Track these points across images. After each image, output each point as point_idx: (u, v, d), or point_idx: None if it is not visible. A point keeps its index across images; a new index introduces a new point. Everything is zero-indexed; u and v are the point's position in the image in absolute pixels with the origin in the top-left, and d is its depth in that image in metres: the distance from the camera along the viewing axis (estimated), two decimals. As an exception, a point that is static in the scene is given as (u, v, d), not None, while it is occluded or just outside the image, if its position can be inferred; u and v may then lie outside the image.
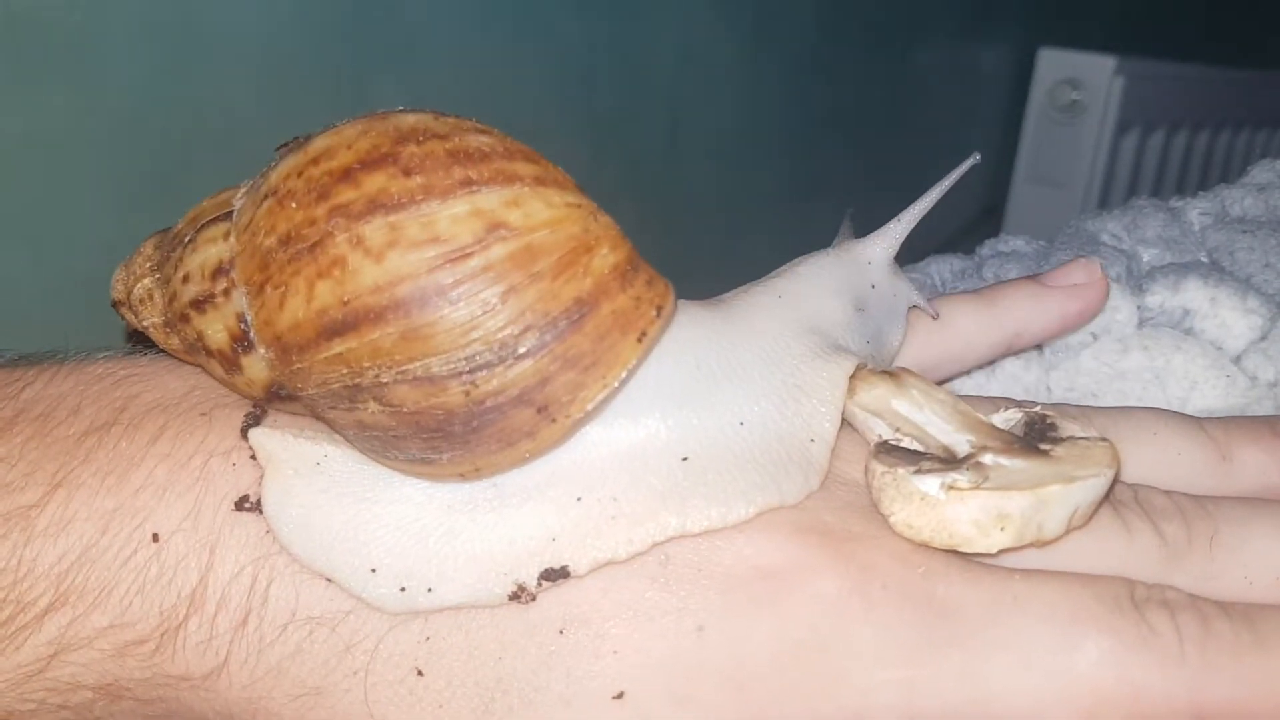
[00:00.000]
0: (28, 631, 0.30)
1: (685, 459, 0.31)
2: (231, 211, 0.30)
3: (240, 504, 0.31)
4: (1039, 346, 0.50)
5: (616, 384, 0.29)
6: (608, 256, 0.29)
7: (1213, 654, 0.30)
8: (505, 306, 0.27)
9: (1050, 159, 1.33)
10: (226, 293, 0.30)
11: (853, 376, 0.34)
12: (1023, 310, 0.43)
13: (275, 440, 0.32)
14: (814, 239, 0.39)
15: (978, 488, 0.30)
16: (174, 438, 0.32)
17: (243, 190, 0.31)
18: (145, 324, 0.33)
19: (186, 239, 0.31)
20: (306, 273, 0.28)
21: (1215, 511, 0.34)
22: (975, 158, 0.40)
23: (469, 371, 0.27)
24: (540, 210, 0.28)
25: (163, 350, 0.34)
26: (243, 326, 0.30)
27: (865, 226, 0.40)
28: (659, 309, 0.30)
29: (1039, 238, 0.61)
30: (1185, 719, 0.29)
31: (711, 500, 0.30)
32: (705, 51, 0.98)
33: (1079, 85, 1.30)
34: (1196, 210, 0.61)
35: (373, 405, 0.28)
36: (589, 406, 0.29)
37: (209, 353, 0.31)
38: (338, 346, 0.28)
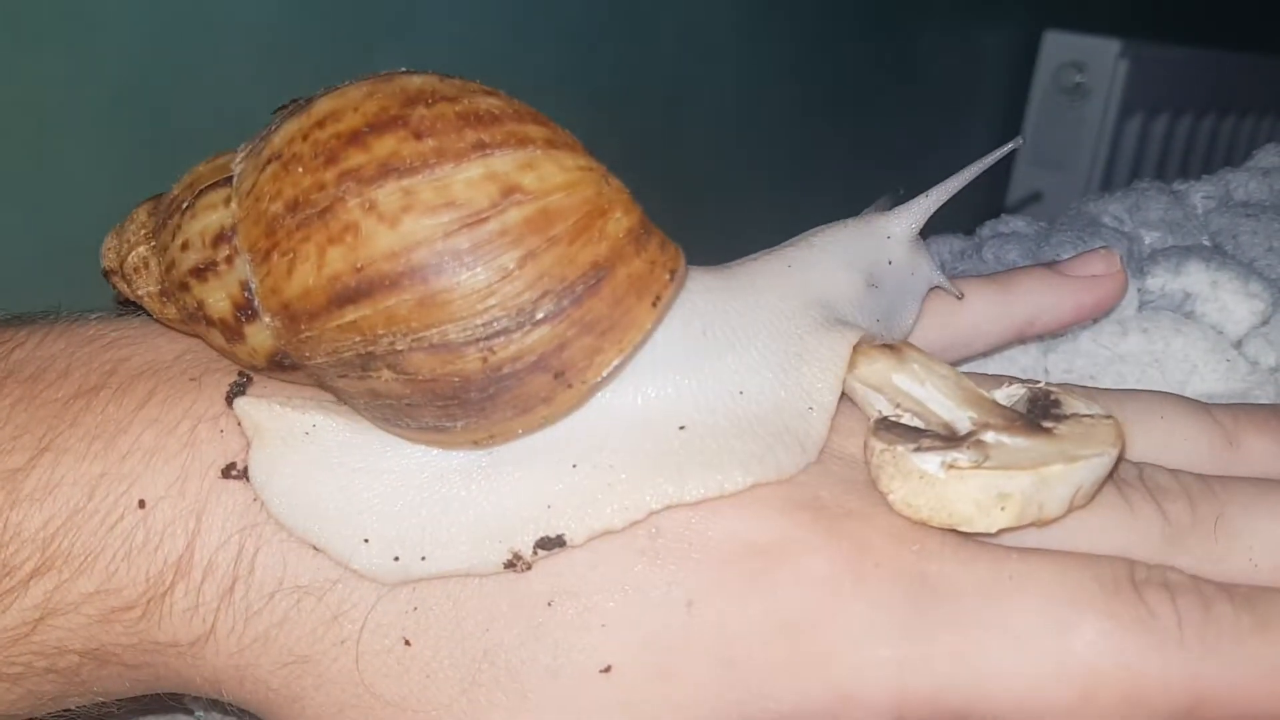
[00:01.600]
0: (13, 596, 0.30)
1: (683, 427, 0.31)
2: (231, 176, 0.30)
3: (227, 471, 0.31)
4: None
5: (632, 349, 0.29)
6: (621, 220, 0.29)
7: (1213, 637, 0.29)
8: (523, 271, 0.27)
9: (1054, 142, 1.33)
10: (229, 260, 0.29)
11: (854, 350, 0.33)
12: (1036, 298, 0.42)
13: (261, 409, 0.31)
14: (814, 216, 0.39)
15: (978, 466, 0.30)
16: (162, 402, 0.32)
17: (241, 154, 0.30)
18: (140, 293, 0.32)
19: (184, 205, 0.30)
20: (317, 239, 0.27)
21: (1221, 492, 0.33)
22: (1018, 141, 0.39)
23: (486, 338, 0.27)
24: (554, 173, 0.28)
25: (159, 323, 0.34)
26: (246, 294, 0.29)
27: (867, 205, 0.40)
28: (672, 273, 0.30)
29: (1040, 219, 0.60)
30: (1183, 702, 0.29)
31: (709, 468, 0.30)
32: (707, 27, 0.98)
33: (1084, 68, 1.30)
34: (1200, 194, 0.60)
35: (386, 373, 0.28)
36: (605, 372, 0.29)
37: (210, 322, 0.30)
38: (350, 314, 0.27)
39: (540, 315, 0.27)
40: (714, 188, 1.04)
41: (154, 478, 0.31)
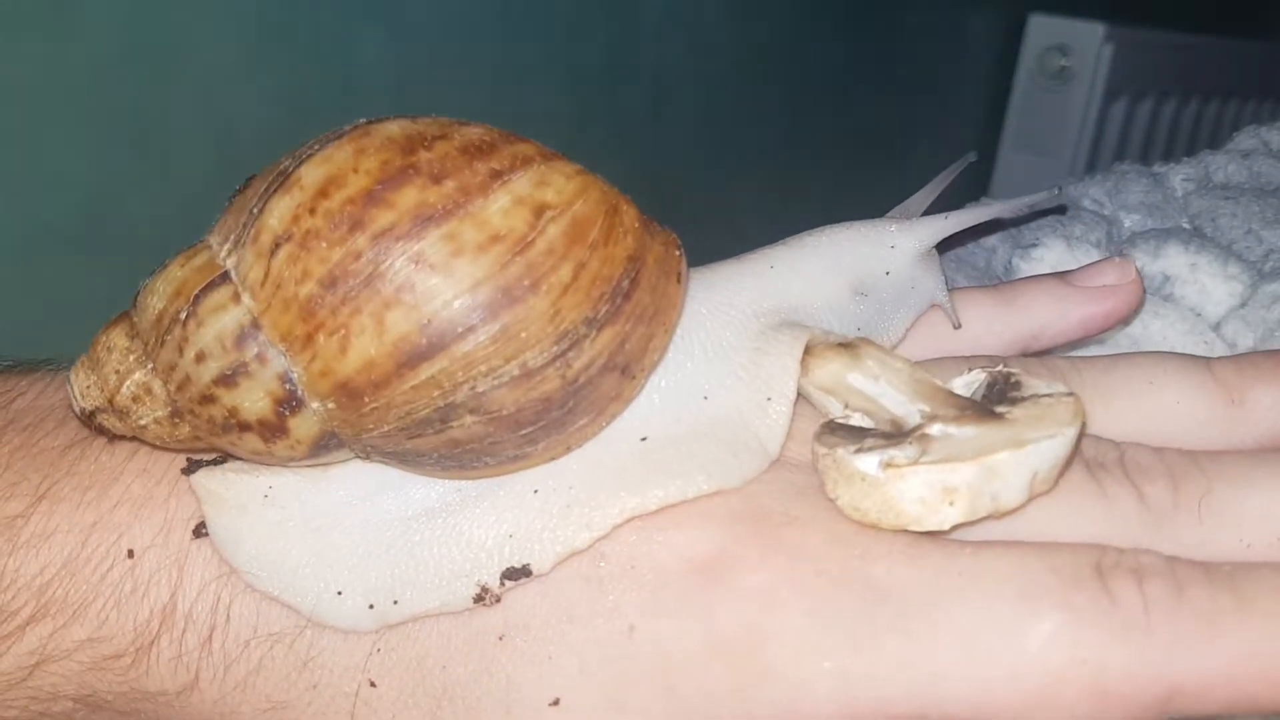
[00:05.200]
0: (10, 641, 0.31)
1: (645, 438, 0.31)
2: (226, 272, 0.28)
3: (198, 530, 0.31)
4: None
5: (674, 327, 0.31)
6: (629, 210, 0.30)
7: (1185, 622, 0.27)
8: (578, 282, 0.28)
9: (1038, 126, 1.32)
10: (260, 358, 0.28)
11: (807, 353, 0.32)
12: (1043, 311, 0.39)
13: (215, 479, 0.32)
14: (799, 200, 0.37)
15: (916, 462, 0.28)
16: (151, 452, 0.33)
17: (222, 246, 0.29)
18: (141, 423, 0.30)
19: (181, 315, 0.28)
20: (370, 308, 0.27)
21: (1210, 467, 0.31)
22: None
23: (561, 355, 0.28)
24: (563, 183, 0.29)
25: (161, 449, 0.32)
26: (288, 387, 0.28)
27: (851, 189, 0.38)
28: (679, 247, 0.31)
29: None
30: (1155, 695, 0.27)
31: (671, 476, 0.30)
32: (692, 10, 0.98)
33: (1068, 52, 1.29)
34: (1180, 176, 0.60)
35: (468, 419, 0.28)
36: (657, 356, 0.31)
37: (244, 427, 0.29)
38: (425, 371, 0.27)
39: (601, 317, 0.28)
40: (699, 172, 1.04)
41: (142, 527, 0.31)
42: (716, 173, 1.08)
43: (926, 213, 0.38)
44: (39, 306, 0.60)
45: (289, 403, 0.28)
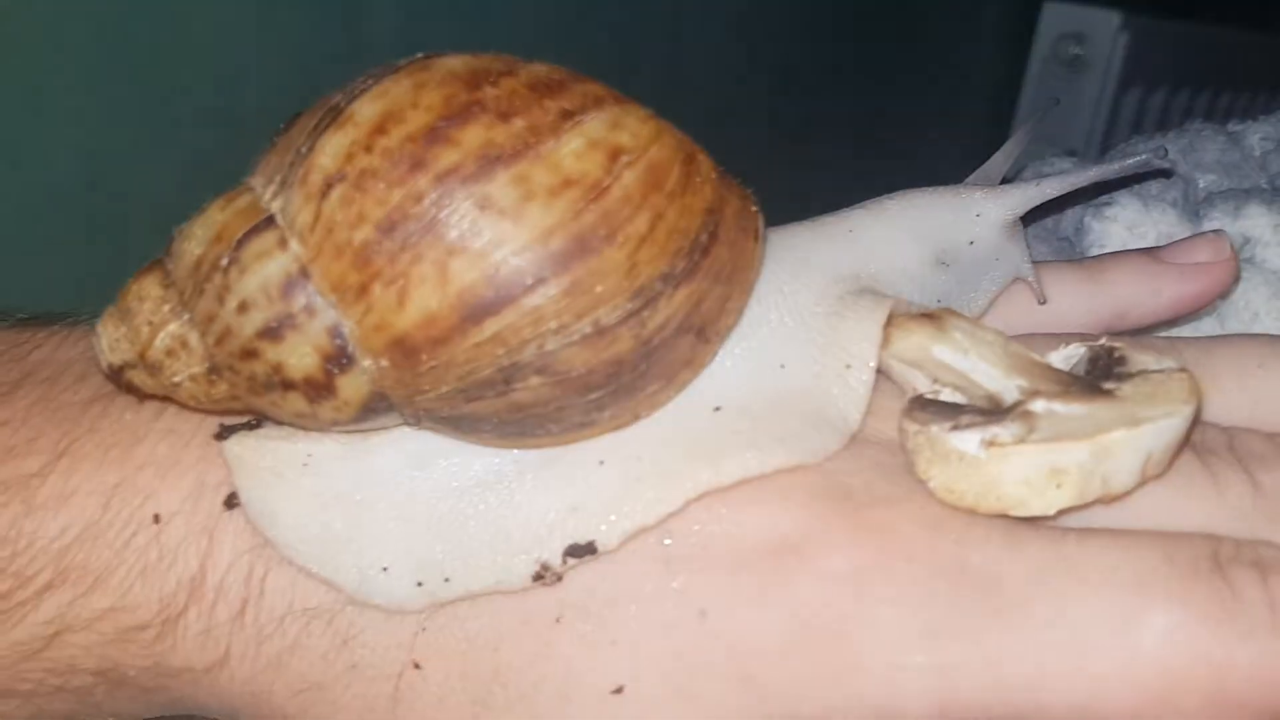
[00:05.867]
0: (26, 608, 0.29)
1: (718, 408, 0.29)
2: (271, 216, 0.26)
3: (229, 501, 0.29)
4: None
5: (751, 288, 0.29)
6: (705, 159, 0.28)
7: None
8: (655, 234, 0.26)
9: (1052, 115, 1.25)
10: (308, 309, 0.26)
11: (888, 323, 0.30)
12: (1130, 288, 0.37)
13: (250, 446, 0.30)
14: (810, 187, 0.36)
15: (1023, 441, 0.26)
16: (178, 412, 0.31)
17: (267, 187, 0.27)
18: (175, 380, 0.28)
19: (222, 262, 0.26)
20: (432, 255, 0.24)
21: None
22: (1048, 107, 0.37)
23: (635, 313, 0.26)
24: (638, 126, 0.27)
25: (194, 410, 0.30)
26: (338, 342, 0.26)
27: (863, 177, 0.37)
28: (756, 203, 0.29)
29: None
30: None
31: (747, 449, 0.28)
32: None
33: (1083, 40, 1.27)
34: (1258, 135, 0.57)
35: (534, 380, 0.26)
36: (733, 319, 0.29)
37: (288, 385, 0.27)
38: (491, 327, 0.25)
39: (679, 273, 0.26)
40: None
41: (169, 492, 0.30)
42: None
43: (1007, 177, 0.36)
44: (40, 271, 0.59)
45: (338, 360, 0.26)
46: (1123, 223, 0.48)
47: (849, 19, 1.15)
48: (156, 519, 0.29)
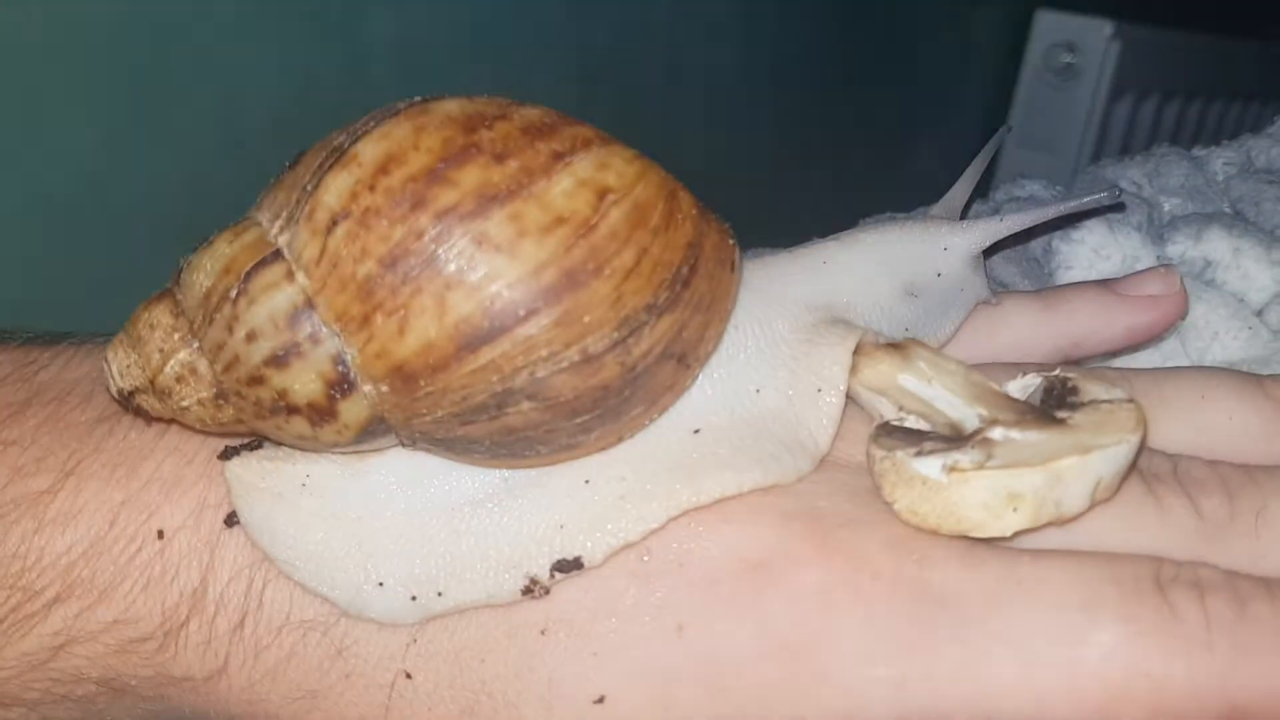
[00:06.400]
0: (34, 620, 0.30)
1: (698, 431, 0.31)
2: (278, 250, 0.27)
3: (229, 520, 0.31)
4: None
5: (729, 315, 0.30)
6: (686, 197, 0.29)
7: (1247, 638, 0.26)
8: (640, 267, 0.27)
9: (1043, 123, 1.30)
10: (313, 338, 0.27)
11: (856, 352, 0.32)
12: (1085, 319, 0.39)
13: (251, 468, 0.31)
14: (803, 193, 0.37)
15: (982, 467, 0.28)
16: (181, 431, 0.32)
17: (273, 223, 0.28)
18: (184, 404, 0.29)
19: (231, 293, 0.28)
20: (430, 288, 0.26)
21: (1265, 482, 0.31)
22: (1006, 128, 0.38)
23: (621, 342, 0.27)
24: (623, 166, 0.28)
25: (199, 432, 0.31)
26: (341, 369, 0.27)
27: (856, 182, 0.38)
28: (733, 237, 0.31)
29: (1056, 184, 0.60)
30: (1216, 712, 0.26)
31: (724, 469, 0.30)
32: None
33: (1075, 48, 1.27)
34: (1220, 160, 0.59)
35: (526, 404, 0.27)
36: (712, 345, 0.30)
37: (293, 410, 0.28)
38: (486, 355, 0.26)
39: (661, 304, 0.28)
40: (702, 161, 1.05)
41: (172, 508, 0.31)
42: (719, 163, 1.06)
43: (978, 191, 0.38)
44: (38, 278, 0.59)
45: (341, 385, 0.27)
46: (1089, 245, 0.50)
47: (841, 27, 1.16)
48: (160, 535, 0.31)
